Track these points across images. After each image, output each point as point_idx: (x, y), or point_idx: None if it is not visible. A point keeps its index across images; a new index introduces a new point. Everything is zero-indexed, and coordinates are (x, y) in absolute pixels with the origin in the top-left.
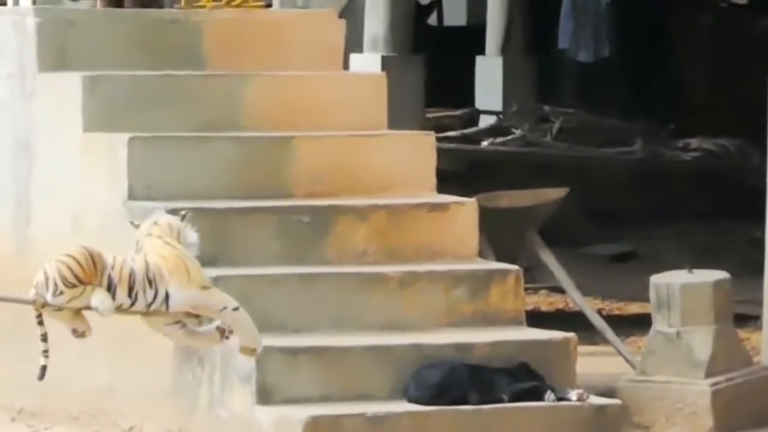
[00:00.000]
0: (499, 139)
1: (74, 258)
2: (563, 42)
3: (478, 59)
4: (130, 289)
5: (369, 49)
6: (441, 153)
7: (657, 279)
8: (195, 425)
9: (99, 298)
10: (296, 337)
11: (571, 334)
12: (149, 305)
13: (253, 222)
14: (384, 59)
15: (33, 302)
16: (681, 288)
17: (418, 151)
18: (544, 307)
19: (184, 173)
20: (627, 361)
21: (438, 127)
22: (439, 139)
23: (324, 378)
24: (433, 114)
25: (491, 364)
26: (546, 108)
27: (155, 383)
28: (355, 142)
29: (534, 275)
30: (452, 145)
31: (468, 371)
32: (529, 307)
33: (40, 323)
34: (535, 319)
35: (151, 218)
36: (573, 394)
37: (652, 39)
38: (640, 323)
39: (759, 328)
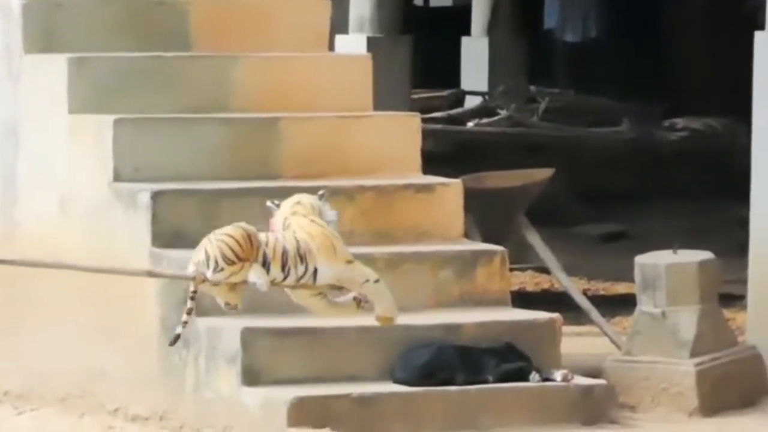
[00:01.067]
0: (486, 120)
1: (233, 237)
2: (550, 22)
3: (464, 40)
4: (283, 265)
5: (355, 30)
6: (427, 134)
7: (642, 259)
8: (181, 407)
9: (256, 273)
10: (283, 318)
11: (556, 315)
12: (299, 279)
13: (240, 203)
14: (370, 40)
15: (193, 278)
16: (666, 268)
17: (404, 132)
18: (530, 288)
19: (171, 155)
20: (612, 341)
21: (424, 108)
22: (425, 120)
23: (310, 359)
24: (419, 95)
25: (478, 344)
26: (532, 88)
27: (142, 365)
28: (342, 124)
29: (521, 255)
30: (438, 126)
31: (455, 352)
32: (516, 288)
33: (192, 298)
34: (522, 299)
35: (292, 198)
36: (558, 375)
37: (640, 19)
38: (627, 303)
39: (745, 307)
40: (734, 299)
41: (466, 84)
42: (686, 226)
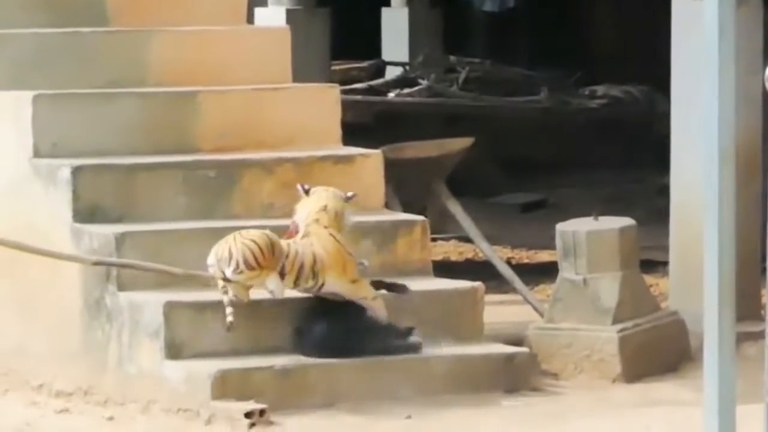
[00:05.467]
0: (406, 90)
1: (258, 244)
2: None
3: (384, 11)
4: (297, 278)
5: (274, 2)
6: (348, 105)
7: (563, 227)
8: (105, 382)
9: (274, 282)
10: (204, 291)
11: (477, 283)
12: (307, 290)
13: (159, 178)
14: (289, 12)
15: (212, 277)
16: (587, 235)
17: (323, 103)
18: (454, 257)
19: (89, 130)
20: (535, 309)
21: (345, 79)
22: (345, 92)
23: (233, 332)
24: (339, 66)
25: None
26: (452, 58)
27: (64, 341)
28: (259, 96)
29: (443, 225)
30: (359, 97)
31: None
32: (439, 257)
33: (225, 292)
34: (445, 269)
35: (321, 199)
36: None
37: None
38: (550, 271)
39: (667, 274)
40: (656, 265)
41: (386, 55)
42: (606, 194)
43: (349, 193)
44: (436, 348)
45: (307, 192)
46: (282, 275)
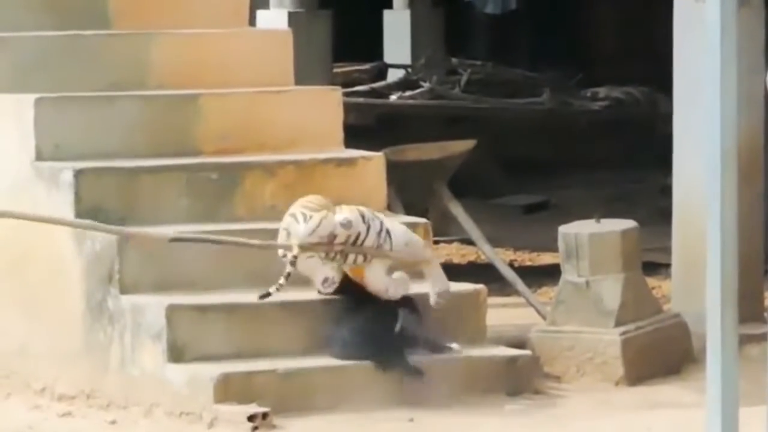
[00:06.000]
0: (408, 93)
1: (308, 199)
2: None
3: (386, 13)
4: (362, 216)
5: (275, 5)
6: (350, 107)
7: (565, 229)
8: (107, 385)
9: (342, 214)
10: (207, 294)
11: (480, 286)
12: (379, 234)
13: (161, 180)
14: (291, 15)
15: (289, 246)
16: (589, 237)
17: (325, 106)
18: (456, 260)
19: (91, 133)
20: (538, 311)
21: (347, 81)
22: (347, 94)
23: (236, 335)
24: (341, 69)
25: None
26: (454, 60)
27: (66, 343)
28: (261, 99)
29: (445, 228)
30: (361, 100)
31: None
32: (441, 260)
33: (293, 263)
34: (448, 271)
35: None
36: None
37: None
38: (552, 274)
39: (670, 276)
40: (659, 267)
41: (388, 57)
42: (609, 195)
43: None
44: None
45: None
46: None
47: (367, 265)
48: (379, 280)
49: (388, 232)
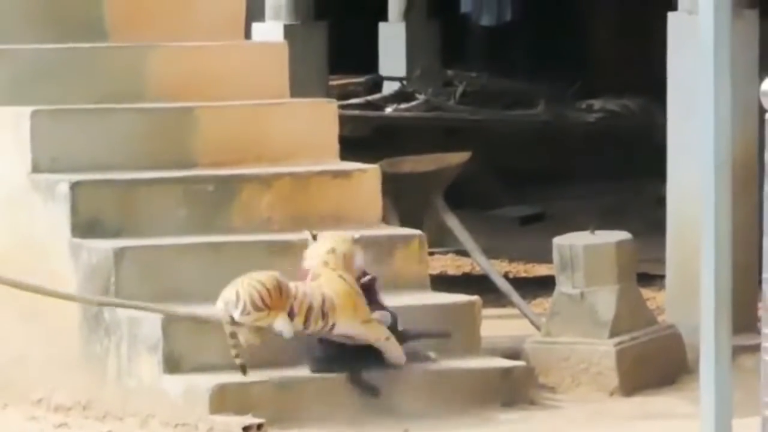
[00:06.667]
0: (404, 105)
1: (265, 285)
2: (465, 6)
3: (381, 25)
4: (306, 320)
5: (271, 17)
6: (346, 120)
7: (560, 240)
8: (104, 395)
9: (282, 323)
10: (204, 306)
11: (475, 297)
12: (317, 331)
13: (158, 192)
14: (286, 27)
15: (220, 320)
16: (584, 249)
17: (321, 118)
18: (451, 271)
19: (88, 145)
20: (532, 323)
21: (342, 94)
22: (343, 106)
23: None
24: (337, 81)
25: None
26: (449, 72)
27: (63, 354)
28: (257, 111)
29: (440, 239)
30: (357, 112)
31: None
32: (437, 271)
33: (234, 337)
34: (443, 282)
35: (328, 242)
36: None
37: (553, 1)
38: (547, 285)
39: (664, 287)
40: (653, 279)
41: (384, 69)
42: (604, 207)
43: (356, 235)
44: (433, 362)
45: (314, 237)
46: (291, 316)
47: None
48: (348, 332)
49: (332, 327)
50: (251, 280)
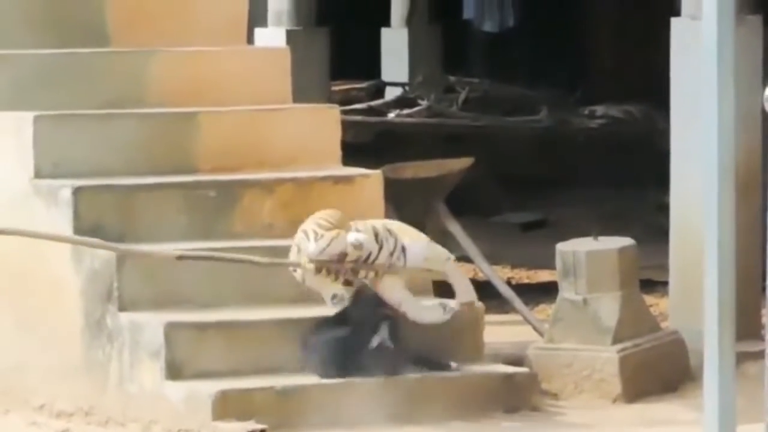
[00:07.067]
0: (406, 111)
1: (322, 215)
2: (468, 12)
3: (384, 31)
4: (376, 235)
5: (273, 23)
6: (348, 125)
7: (563, 247)
8: (106, 402)
9: (354, 234)
10: (205, 312)
11: (478, 303)
12: (391, 254)
13: (159, 198)
14: (289, 33)
15: (298, 264)
16: (586, 255)
17: (323, 124)
18: None
19: (90, 150)
20: (535, 329)
21: (344, 99)
22: (345, 112)
23: (233, 352)
24: (339, 87)
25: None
26: (452, 78)
27: (65, 361)
28: (259, 117)
29: (442, 245)
30: (359, 118)
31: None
32: (439, 277)
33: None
34: (446, 288)
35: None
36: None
37: (557, 8)
38: (550, 291)
39: (667, 293)
40: (656, 285)
41: (386, 75)
42: (606, 213)
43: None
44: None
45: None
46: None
47: (378, 281)
48: (391, 294)
49: (403, 249)
50: (307, 219)
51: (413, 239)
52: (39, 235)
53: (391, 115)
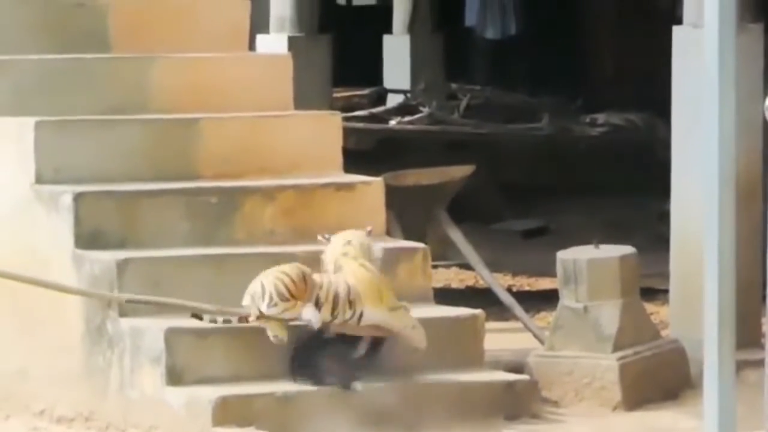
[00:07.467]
0: (408, 118)
1: (289, 275)
2: (470, 19)
3: (386, 38)
4: (333, 309)
5: (276, 29)
6: (350, 132)
7: (563, 254)
8: (106, 407)
9: (309, 312)
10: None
11: (478, 311)
12: (346, 321)
13: (161, 204)
14: (291, 39)
15: (248, 315)
16: (587, 263)
17: (325, 131)
18: (454, 284)
19: (91, 156)
20: (536, 336)
21: (346, 106)
22: (347, 119)
23: (234, 358)
24: (341, 93)
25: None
26: (453, 85)
27: (66, 366)
28: (261, 123)
29: (443, 252)
30: (361, 125)
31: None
32: (440, 284)
33: (241, 321)
34: (446, 296)
35: (342, 236)
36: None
37: (560, 15)
38: (550, 299)
39: (668, 301)
40: (657, 293)
41: (388, 82)
42: (607, 221)
43: (368, 228)
44: (436, 375)
45: (328, 239)
46: (318, 306)
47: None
48: (380, 320)
49: (361, 314)
50: (275, 271)
51: (375, 308)
52: (48, 285)
53: (393, 123)
